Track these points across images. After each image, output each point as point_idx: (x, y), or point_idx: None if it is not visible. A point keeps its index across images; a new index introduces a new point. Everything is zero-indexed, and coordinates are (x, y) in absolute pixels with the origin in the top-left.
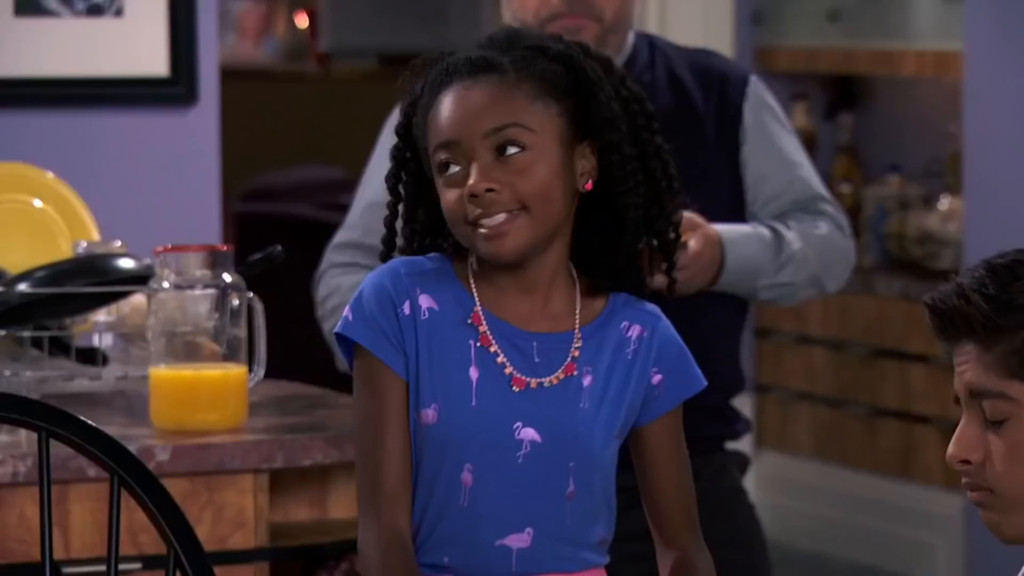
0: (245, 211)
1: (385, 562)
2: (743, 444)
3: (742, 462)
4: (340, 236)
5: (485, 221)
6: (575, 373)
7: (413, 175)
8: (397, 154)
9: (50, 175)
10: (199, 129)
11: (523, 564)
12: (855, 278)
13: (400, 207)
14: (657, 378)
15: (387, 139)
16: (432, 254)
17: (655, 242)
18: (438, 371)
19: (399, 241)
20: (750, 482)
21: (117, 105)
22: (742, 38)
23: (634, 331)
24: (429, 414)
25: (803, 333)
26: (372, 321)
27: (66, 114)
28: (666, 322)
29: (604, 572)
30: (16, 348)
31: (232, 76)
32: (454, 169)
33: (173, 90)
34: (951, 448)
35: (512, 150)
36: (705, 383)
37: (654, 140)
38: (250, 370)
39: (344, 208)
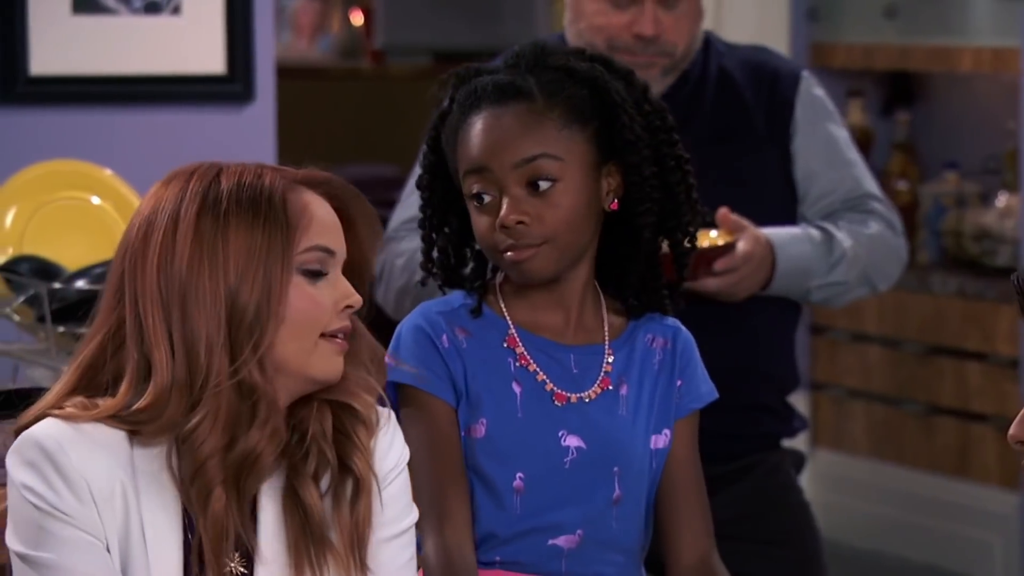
0: None
1: (446, 573)
2: (798, 442)
3: (798, 460)
4: (397, 224)
5: (514, 252)
6: (610, 386)
7: (442, 184)
8: (427, 164)
9: (108, 172)
10: (255, 126)
11: (572, 564)
12: (911, 276)
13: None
14: (679, 383)
15: None
16: (456, 292)
17: (670, 249)
18: (483, 389)
19: (432, 251)
20: (804, 480)
21: (174, 102)
22: (798, 34)
23: (657, 343)
24: (479, 429)
25: (859, 331)
26: (415, 360)
27: (123, 111)
28: (686, 333)
29: None
30: (74, 345)
31: (287, 73)
32: (486, 197)
33: (230, 88)
34: (1012, 428)
35: (543, 184)
36: (716, 396)
37: (674, 151)
38: None
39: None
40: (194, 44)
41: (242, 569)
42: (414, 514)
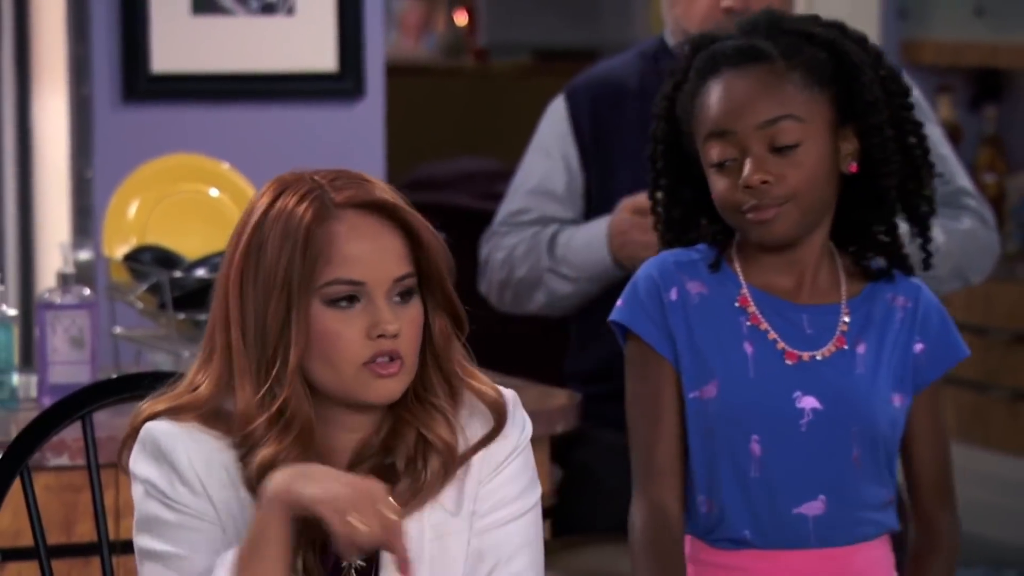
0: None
1: (648, 537)
2: None
3: None
4: (502, 218)
5: (757, 212)
6: (846, 346)
7: (676, 153)
8: (660, 135)
9: (225, 165)
10: (366, 122)
11: (821, 532)
12: (998, 265)
13: (663, 184)
14: (919, 347)
15: (545, 129)
16: (700, 245)
17: (908, 213)
18: (714, 349)
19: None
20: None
21: (288, 99)
22: (888, 31)
23: (899, 301)
24: (710, 390)
25: None
26: (640, 308)
27: (241, 108)
28: (929, 292)
29: (888, 538)
30: (194, 331)
31: (394, 71)
32: (728, 159)
33: (341, 85)
34: None
35: (786, 144)
36: (968, 352)
37: (911, 116)
38: None
39: (501, 197)
40: (307, 43)
41: (361, 563)
42: (536, 493)
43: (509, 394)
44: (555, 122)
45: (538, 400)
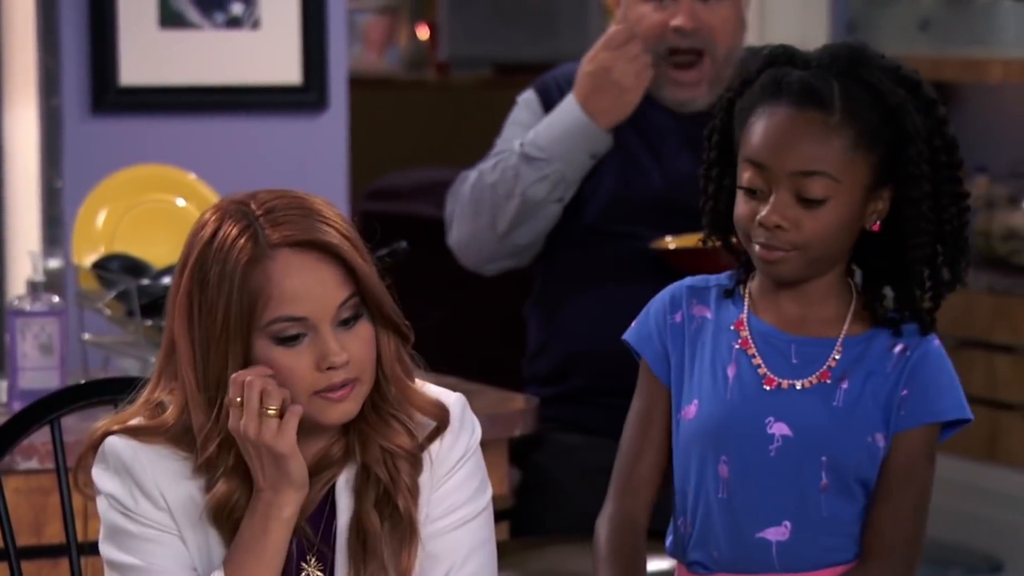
0: (369, 210)
1: (614, 544)
2: None
3: None
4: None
5: (764, 250)
6: (829, 380)
7: (727, 143)
8: (719, 124)
9: (192, 176)
10: (329, 133)
11: (784, 558)
12: None
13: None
14: (904, 392)
15: (520, 113)
16: (726, 273)
17: (930, 279)
18: (700, 371)
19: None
20: None
21: (253, 111)
22: None
23: (898, 348)
24: (691, 410)
25: None
26: (646, 329)
27: (207, 120)
28: (937, 349)
29: None
30: (160, 337)
31: (358, 84)
32: (756, 188)
33: (305, 97)
34: None
35: (813, 198)
36: (962, 416)
37: (954, 188)
38: None
39: None
40: (272, 56)
41: (319, 574)
42: (487, 495)
43: (458, 399)
44: (529, 109)
45: (496, 404)
